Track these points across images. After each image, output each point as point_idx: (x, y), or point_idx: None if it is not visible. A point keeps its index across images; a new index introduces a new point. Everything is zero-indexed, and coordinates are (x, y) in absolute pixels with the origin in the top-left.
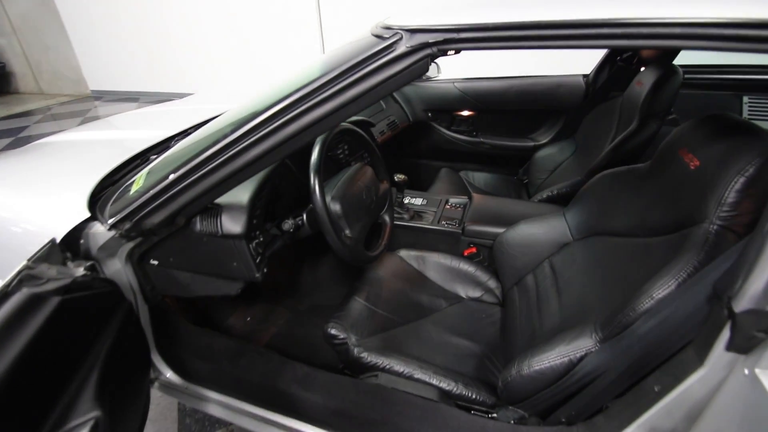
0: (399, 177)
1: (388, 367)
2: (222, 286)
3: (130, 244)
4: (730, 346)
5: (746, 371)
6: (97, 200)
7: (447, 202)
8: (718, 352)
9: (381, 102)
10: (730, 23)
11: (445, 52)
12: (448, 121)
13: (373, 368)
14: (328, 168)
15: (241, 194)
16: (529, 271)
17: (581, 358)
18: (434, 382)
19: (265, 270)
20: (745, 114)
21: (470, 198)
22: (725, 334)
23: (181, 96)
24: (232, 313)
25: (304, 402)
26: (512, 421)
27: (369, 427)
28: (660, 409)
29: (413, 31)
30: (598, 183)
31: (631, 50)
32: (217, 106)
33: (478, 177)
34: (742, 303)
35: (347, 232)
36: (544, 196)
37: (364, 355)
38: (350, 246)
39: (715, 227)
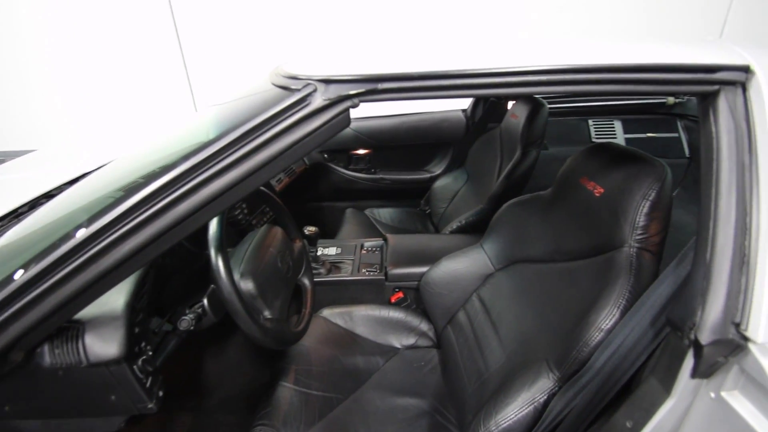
0: (310, 230)
1: None
2: (94, 426)
3: None
4: (695, 374)
5: (712, 395)
6: None
7: (362, 246)
8: (684, 381)
9: None
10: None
11: (361, 102)
12: (345, 160)
13: None
14: (228, 235)
15: (113, 298)
16: (460, 308)
17: (546, 402)
18: None
19: (161, 393)
20: (593, 134)
21: (385, 239)
22: (688, 363)
23: (14, 155)
24: None
25: None
26: None
27: None
28: None
29: (328, 82)
30: (506, 212)
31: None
32: (62, 172)
33: (384, 213)
34: (706, 335)
35: (266, 313)
36: (454, 227)
37: None
38: (272, 329)
39: (634, 250)
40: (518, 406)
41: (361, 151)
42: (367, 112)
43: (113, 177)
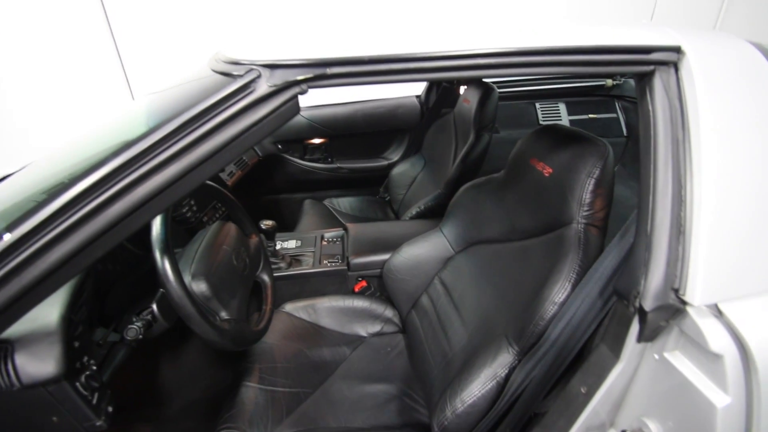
0: (266, 224)
1: None
2: None
3: None
4: (641, 338)
5: (656, 356)
6: None
7: (323, 238)
8: (631, 346)
9: None
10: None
11: (310, 89)
12: (300, 150)
13: None
14: (176, 234)
15: (46, 312)
16: (422, 292)
17: (507, 376)
18: None
19: (111, 409)
20: (540, 117)
21: (345, 229)
22: (634, 329)
23: None
24: None
25: None
26: None
27: None
28: (590, 410)
29: (273, 67)
30: (463, 196)
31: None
32: None
33: (343, 202)
34: (649, 302)
35: (223, 314)
36: (414, 212)
37: None
38: (230, 330)
39: (581, 226)
40: (481, 382)
41: (317, 141)
42: (320, 99)
43: (37, 177)
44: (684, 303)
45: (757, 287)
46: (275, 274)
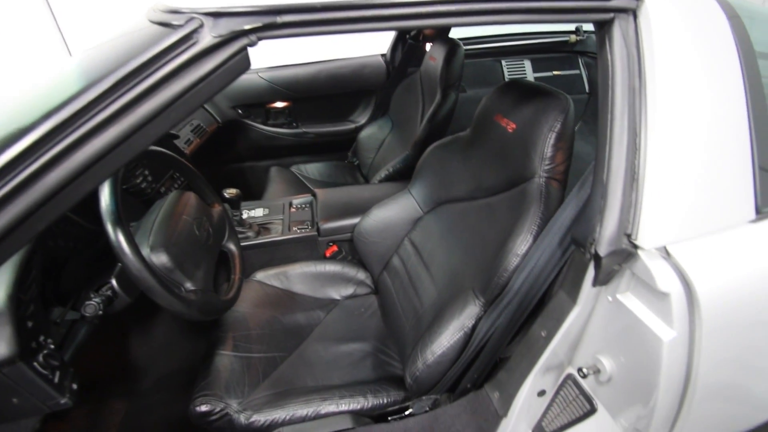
0: (230, 192)
1: (288, 417)
2: None
3: None
4: (596, 283)
5: (610, 298)
6: None
7: (291, 204)
8: (587, 290)
9: None
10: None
11: (260, 40)
12: (262, 116)
13: (272, 426)
14: (132, 207)
15: None
16: (393, 253)
17: (474, 327)
18: (343, 407)
19: (75, 386)
20: (506, 74)
21: (314, 195)
22: (590, 274)
23: None
24: None
25: None
26: (428, 409)
27: None
28: (550, 351)
29: (217, 15)
30: (430, 156)
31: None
32: None
33: (311, 168)
34: (604, 247)
35: (188, 285)
36: (383, 176)
37: (256, 417)
38: (197, 301)
39: (543, 180)
40: (450, 334)
41: (279, 104)
42: (279, 59)
43: None
44: (635, 247)
45: (702, 229)
46: (243, 244)
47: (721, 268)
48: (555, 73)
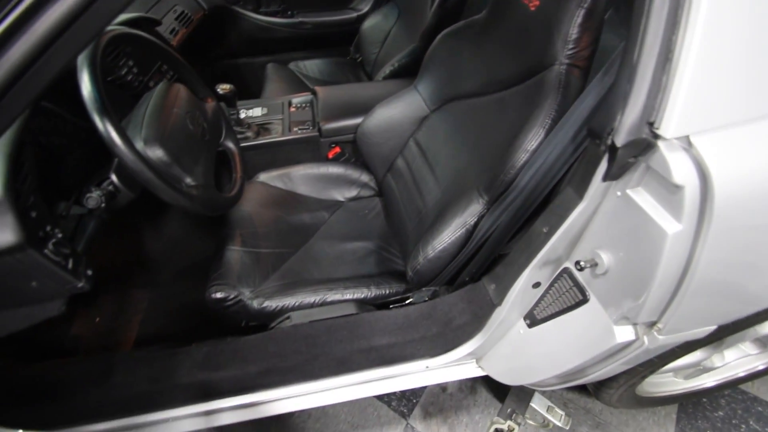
0: (223, 88)
1: (297, 304)
2: (31, 314)
3: None
4: (607, 177)
5: (618, 193)
6: None
7: (290, 104)
8: (596, 186)
9: None
10: None
11: None
12: (253, 2)
13: (282, 311)
14: (119, 100)
15: None
16: (398, 154)
17: (476, 224)
18: (348, 296)
19: (90, 272)
20: None
21: (314, 93)
22: (601, 169)
23: None
24: (72, 321)
25: (220, 383)
26: (427, 299)
27: (303, 369)
28: (549, 246)
29: None
30: (439, 46)
31: None
32: None
33: (310, 66)
34: (622, 137)
35: (188, 180)
36: (387, 72)
37: (267, 303)
38: (200, 196)
39: (563, 67)
40: (452, 230)
41: None
42: None
43: None
44: (656, 137)
45: (732, 118)
46: (243, 144)
47: (743, 162)
48: None
